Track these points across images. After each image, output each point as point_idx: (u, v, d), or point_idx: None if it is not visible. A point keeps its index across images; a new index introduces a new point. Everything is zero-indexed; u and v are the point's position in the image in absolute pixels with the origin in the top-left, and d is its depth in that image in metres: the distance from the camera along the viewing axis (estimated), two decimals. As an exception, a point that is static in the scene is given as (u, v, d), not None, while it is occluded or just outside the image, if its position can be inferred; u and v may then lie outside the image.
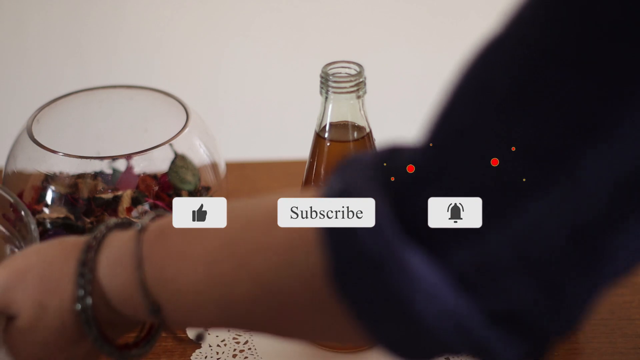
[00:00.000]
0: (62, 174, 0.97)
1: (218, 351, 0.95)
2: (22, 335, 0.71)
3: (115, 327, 0.72)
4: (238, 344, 0.96)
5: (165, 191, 0.98)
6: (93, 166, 0.97)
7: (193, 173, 1.00)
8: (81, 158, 0.96)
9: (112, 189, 0.97)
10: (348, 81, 0.86)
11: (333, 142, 0.88)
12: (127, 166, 0.99)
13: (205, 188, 1.00)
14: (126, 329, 0.73)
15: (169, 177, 0.99)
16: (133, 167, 0.99)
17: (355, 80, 0.86)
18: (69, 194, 0.97)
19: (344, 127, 0.88)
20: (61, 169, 0.97)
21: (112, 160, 0.98)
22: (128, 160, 0.99)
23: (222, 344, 0.96)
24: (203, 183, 1.00)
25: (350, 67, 0.87)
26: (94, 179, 0.97)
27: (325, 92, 0.87)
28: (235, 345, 0.96)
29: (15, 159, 0.99)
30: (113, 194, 0.96)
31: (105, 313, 0.70)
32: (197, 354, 0.94)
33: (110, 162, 0.99)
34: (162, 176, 0.99)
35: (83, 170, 0.97)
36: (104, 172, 0.98)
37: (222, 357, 0.94)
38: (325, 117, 0.88)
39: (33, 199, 0.98)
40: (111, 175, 0.99)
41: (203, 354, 0.94)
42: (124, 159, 0.97)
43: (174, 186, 0.99)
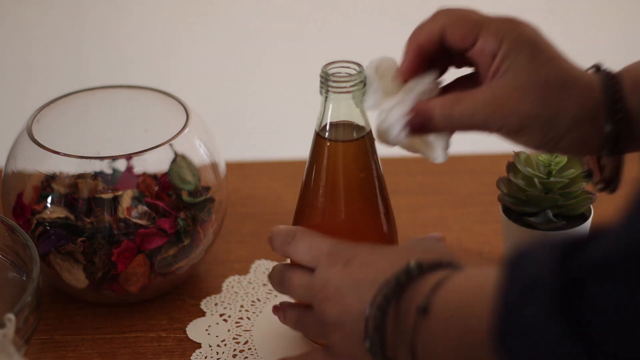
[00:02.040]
0: (62, 174, 0.97)
1: (218, 351, 0.95)
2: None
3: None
4: (238, 344, 0.96)
5: (165, 191, 0.98)
6: (93, 166, 0.97)
7: (193, 173, 1.00)
8: (81, 158, 0.96)
9: (112, 189, 0.97)
10: (348, 81, 0.86)
11: (333, 142, 0.88)
12: (127, 166, 0.99)
13: (205, 188, 1.00)
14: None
15: (169, 177, 0.99)
16: (133, 167, 0.99)
17: (355, 80, 0.86)
18: (69, 194, 0.97)
19: (344, 127, 0.88)
20: (61, 169, 0.97)
21: (112, 160, 0.98)
22: (128, 160, 0.99)
23: (222, 344, 0.96)
24: (203, 183, 1.00)
25: (350, 67, 0.87)
26: (94, 179, 0.97)
27: (325, 92, 0.87)
28: (235, 345, 0.95)
29: (15, 159, 0.99)
30: (113, 194, 0.96)
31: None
32: (197, 354, 0.94)
33: (110, 162, 0.99)
34: (162, 176, 0.99)
35: (83, 170, 0.97)
36: (104, 172, 0.98)
37: (222, 357, 0.94)
38: (325, 117, 0.88)
39: (33, 199, 0.98)
40: (111, 175, 0.99)
41: (203, 354, 0.94)
42: (124, 159, 0.97)
43: (174, 186, 0.99)
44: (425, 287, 0.75)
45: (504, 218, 0.97)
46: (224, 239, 1.08)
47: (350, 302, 0.79)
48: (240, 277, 1.04)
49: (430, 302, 0.74)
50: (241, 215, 1.13)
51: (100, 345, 0.96)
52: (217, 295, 1.01)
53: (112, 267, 0.96)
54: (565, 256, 0.61)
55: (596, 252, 0.59)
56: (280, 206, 1.14)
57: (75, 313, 0.99)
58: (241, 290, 1.02)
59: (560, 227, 0.95)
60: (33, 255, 0.88)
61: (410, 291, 0.76)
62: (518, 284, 0.62)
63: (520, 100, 0.79)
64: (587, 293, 0.58)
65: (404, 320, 0.76)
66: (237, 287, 1.03)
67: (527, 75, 0.79)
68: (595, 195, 0.95)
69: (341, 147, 0.88)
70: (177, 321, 0.98)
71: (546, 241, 0.64)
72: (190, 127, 1.00)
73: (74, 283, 0.97)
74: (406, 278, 0.77)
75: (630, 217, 0.58)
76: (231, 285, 1.03)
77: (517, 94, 0.79)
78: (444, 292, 0.74)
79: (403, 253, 0.81)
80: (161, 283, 0.99)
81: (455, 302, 0.72)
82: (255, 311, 0.99)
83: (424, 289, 0.75)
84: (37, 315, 0.86)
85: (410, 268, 0.77)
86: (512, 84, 0.79)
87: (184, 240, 0.97)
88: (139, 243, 0.96)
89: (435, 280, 0.75)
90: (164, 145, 0.97)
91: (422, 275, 0.77)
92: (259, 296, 1.01)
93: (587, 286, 0.58)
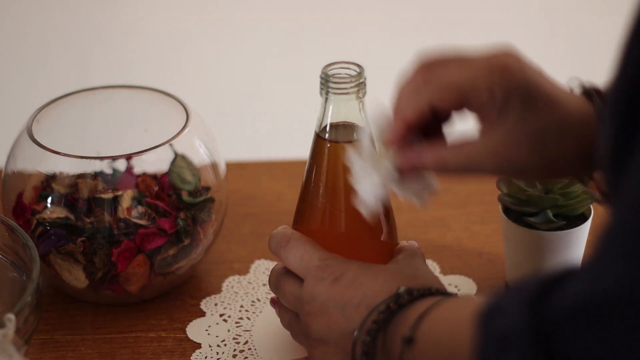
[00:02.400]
0: (62, 174, 0.97)
1: (218, 351, 0.95)
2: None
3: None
4: (238, 344, 0.96)
5: (165, 191, 0.98)
6: (93, 166, 0.97)
7: (193, 173, 1.00)
8: (81, 158, 0.96)
9: (112, 189, 0.97)
10: (348, 82, 0.86)
11: (333, 143, 0.88)
12: (127, 166, 0.99)
13: (205, 188, 1.00)
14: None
15: (169, 177, 0.99)
16: (133, 167, 0.99)
17: (356, 81, 0.86)
18: (69, 194, 0.97)
19: (344, 128, 0.88)
20: (61, 169, 0.97)
21: (112, 160, 0.98)
22: (128, 160, 0.99)
23: (222, 344, 0.96)
24: (203, 183, 1.00)
25: (350, 68, 0.86)
26: (94, 179, 0.97)
27: (325, 93, 0.86)
28: (235, 346, 0.95)
29: (15, 159, 0.99)
30: (113, 194, 0.96)
31: None
32: (197, 354, 0.94)
33: (110, 162, 0.99)
34: (162, 176, 0.99)
35: (83, 170, 0.97)
36: (104, 172, 0.98)
37: (222, 357, 0.94)
38: (325, 118, 0.87)
39: (33, 199, 0.98)
40: (111, 175, 0.99)
41: (203, 354, 0.94)
42: (124, 159, 0.97)
43: (174, 186, 0.99)
44: (411, 317, 0.77)
45: (503, 218, 0.97)
46: (224, 239, 1.08)
47: (336, 320, 0.81)
48: (240, 277, 1.04)
49: (415, 333, 0.75)
50: (241, 215, 1.13)
51: (100, 345, 0.96)
52: (217, 295, 1.01)
53: (112, 267, 0.96)
54: (534, 302, 0.62)
55: (565, 297, 0.60)
56: (280, 206, 1.14)
57: (75, 313, 0.99)
58: (241, 290, 1.02)
59: (560, 227, 0.95)
60: (33, 255, 0.88)
61: (397, 319, 0.78)
62: (493, 337, 0.63)
63: (516, 152, 0.79)
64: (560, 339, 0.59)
65: (390, 349, 0.78)
66: (237, 287, 1.03)
67: (523, 126, 0.79)
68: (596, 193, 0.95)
69: (341, 148, 0.88)
70: (177, 321, 0.98)
71: (516, 287, 0.65)
72: (190, 127, 1.00)
73: (74, 283, 0.97)
74: (396, 305, 0.78)
75: (598, 260, 0.58)
76: (231, 285, 1.03)
77: (513, 146, 0.78)
78: (429, 322, 0.76)
79: (392, 276, 0.82)
80: (161, 283, 0.99)
81: (440, 333, 0.74)
82: (255, 311, 0.99)
83: (410, 318, 0.77)
84: (37, 315, 0.86)
85: (400, 294, 0.79)
86: (508, 136, 0.79)
87: (184, 240, 0.97)
88: (139, 243, 0.96)
89: (421, 310, 0.77)
90: (164, 145, 0.97)
91: (411, 302, 0.78)
92: (258, 296, 1.01)
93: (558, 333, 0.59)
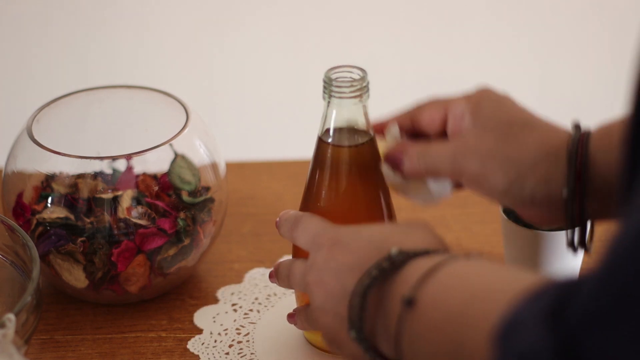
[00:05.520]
0: (62, 174, 0.97)
1: (217, 339, 0.96)
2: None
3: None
4: (239, 334, 0.96)
5: (165, 191, 0.98)
6: (93, 166, 0.97)
7: (193, 173, 1.00)
8: (81, 158, 0.96)
9: (112, 189, 0.97)
10: (351, 86, 0.85)
11: (336, 147, 0.87)
12: (127, 166, 0.99)
13: (205, 188, 1.00)
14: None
15: (169, 177, 0.99)
16: (133, 167, 0.99)
17: (359, 85, 0.85)
18: (69, 194, 0.97)
19: (347, 132, 0.87)
20: (61, 169, 0.97)
21: (112, 160, 0.98)
22: (128, 160, 0.99)
23: (224, 333, 0.96)
24: (203, 183, 1.00)
25: (353, 72, 0.86)
26: (94, 179, 0.97)
27: (328, 97, 0.86)
28: (236, 336, 0.96)
29: (15, 159, 0.99)
30: (113, 194, 0.96)
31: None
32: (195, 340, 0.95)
33: (110, 162, 0.99)
34: (162, 176, 0.99)
35: (83, 170, 0.97)
36: (104, 172, 0.98)
37: (217, 346, 0.95)
38: (328, 122, 0.87)
39: (33, 199, 0.98)
40: (111, 175, 0.99)
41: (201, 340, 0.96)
42: (124, 159, 0.97)
43: (174, 186, 0.99)
44: (412, 276, 0.71)
45: (503, 218, 0.97)
46: (224, 239, 1.08)
47: (332, 287, 0.76)
48: (265, 269, 1.04)
49: (417, 294, 0.70)
50: (241, 215, 1.13)
51: (100, 345, 0.96)
52: (236, 285, 1.02)
53: (112, 267, 0.96)
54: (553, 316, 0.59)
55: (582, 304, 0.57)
56: (280, 206, 1.14)
57: (75, 313, 0.99)
58: (261, 283, 1.02)
59: (560, 227, 0.95)
60: (33, 255, 0.88)
61: (394, 279, 0.72)
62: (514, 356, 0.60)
63: (481, 139, 0.81)
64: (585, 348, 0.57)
65: (388, 312, 0.72)
66: (259, 279, 1.03)
67: (491, 118, 0.82)
68: None
69: (344, 152, 0.87)
70: (177, 321, 0.98)
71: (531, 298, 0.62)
72: (190, 127, 1.00)
73: (74, 283, 0.97)
74: (390, 265, 0.73)
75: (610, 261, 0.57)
76: (253, 276, 1.03)
77: (478, 133, 0.82)
78: (435, 286, 0.69)
79: (387, 237, 0.76)
80: (161, 283, 0.99)
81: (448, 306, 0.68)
82: (267, 305, 1.00)
83: (411, 277, 0.71)
84: (37, 315, 0.86)
85: (392, 255, 0.73)
86: (474, 127, 0.82)
87: (184, 240, 0.97)
88: (139, 243, 0.96)
89: (424, 270, 0.71)
90: (164, 145, 0.97)
91: (407, 262, 0.73)
92: (276, 290, 1.01)
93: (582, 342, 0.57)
